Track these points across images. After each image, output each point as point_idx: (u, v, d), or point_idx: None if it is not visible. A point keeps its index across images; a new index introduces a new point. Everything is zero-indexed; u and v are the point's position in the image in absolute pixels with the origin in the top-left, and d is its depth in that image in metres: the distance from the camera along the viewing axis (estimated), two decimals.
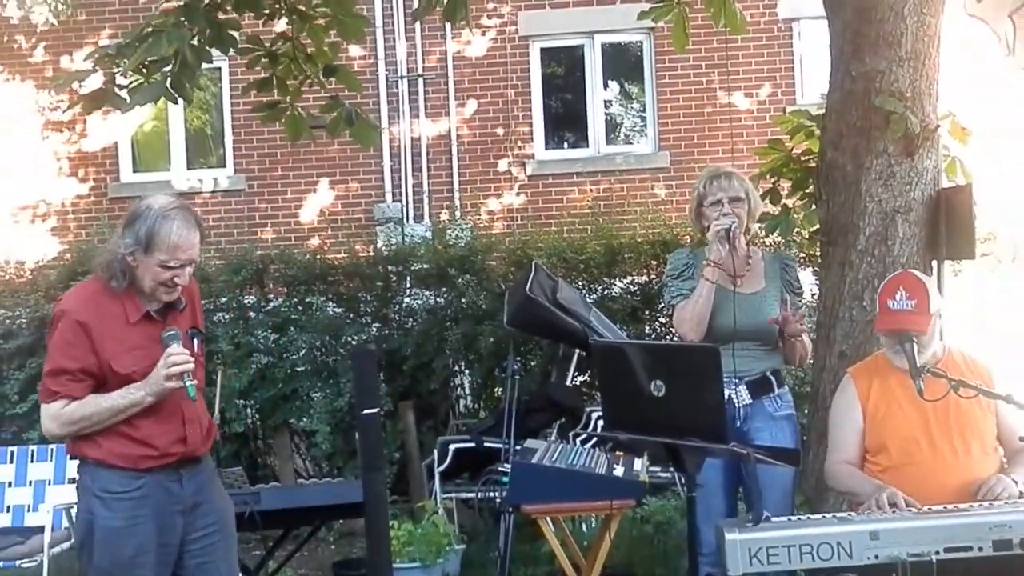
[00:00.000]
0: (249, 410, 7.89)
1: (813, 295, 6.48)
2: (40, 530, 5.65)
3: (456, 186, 11.29)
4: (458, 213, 10.82)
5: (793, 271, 4.57)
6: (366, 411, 4.31)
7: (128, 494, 3.46)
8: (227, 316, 7.99)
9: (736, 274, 4.31)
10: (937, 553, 3.25)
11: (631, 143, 11.73)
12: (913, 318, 3.84)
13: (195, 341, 3.64)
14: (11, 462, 6.14)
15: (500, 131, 11.36)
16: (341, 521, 7.01)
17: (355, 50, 10.82)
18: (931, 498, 3.61)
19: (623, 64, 11.83)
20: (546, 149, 11.54)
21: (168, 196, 3.66)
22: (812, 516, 3.74)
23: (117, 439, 3.47)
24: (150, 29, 5.13)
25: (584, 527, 6.24)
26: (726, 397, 3.90)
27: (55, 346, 3.47)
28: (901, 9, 4.85)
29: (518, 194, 11.30)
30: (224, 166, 11.66)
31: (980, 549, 3.26)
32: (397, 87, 11.41)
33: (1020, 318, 7.97)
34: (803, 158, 5.59)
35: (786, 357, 4.43)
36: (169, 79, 5.12)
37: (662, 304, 4.88)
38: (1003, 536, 3.25)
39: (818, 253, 5.57)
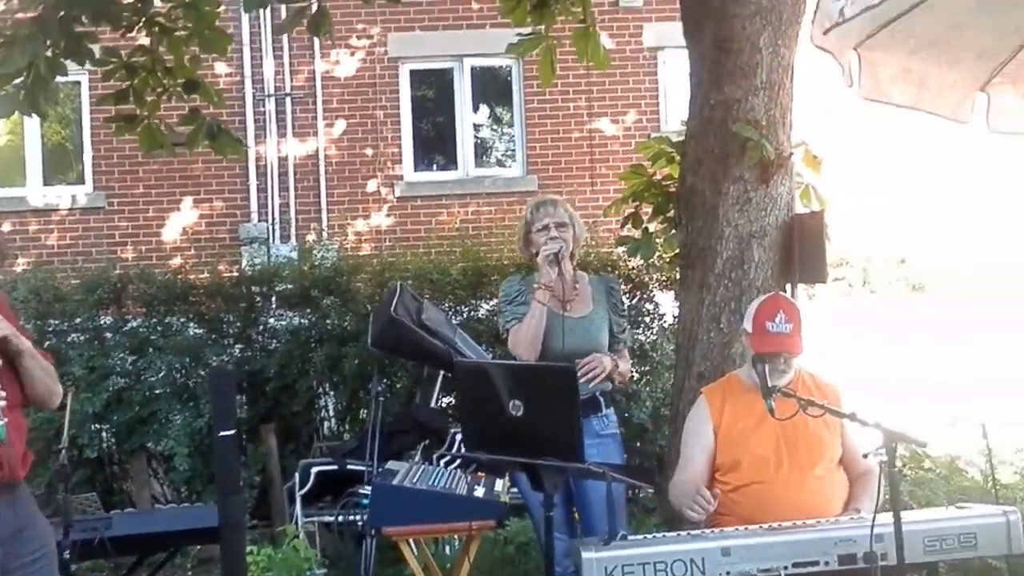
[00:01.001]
0: (104, 434, 7.65)
1: (675, 318, 6.61)
2: None
3: (324, 206, 11.19)
4: (325, 234, 10.71)
5: (618, 294, 4.71)
6: (223, 433, 4.22)
7: None
8: (81, 337, 7.74)
9: (565, 298, 4.48)
10: (786, 568, 3.35)
11: (500, 166, 11.81)
12: (790, 341, 3.97)
13: None
14: None
15: (369, 152, 11.31)
16: (199, 547, 6.84)
17: (221, 67, 10.65)
18: (778, 515, 3.71)
19: (492, 88, 11.91)
20: (415, 171, 11.53)
21: None
22: (668, 534, 3.80)
23: None
24: (2, 40, 4.97)
25: (447, 549, 6.21)
26: None
27: None
28: (757, 40, 5.01)
29: (386, 215, 11.25)
30: (83, 183, 11.32)
31: (826, 563, 3.38)
32: (264, 106, 11.26)
33: (870, 342, 8.28)
34: (664, 183, 5.70)
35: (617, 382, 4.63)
36: (23, 92, 4.96)
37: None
38: (848, 551, 3.37)
39: (678, 276, 5.68)
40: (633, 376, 7.48)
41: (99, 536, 4.72)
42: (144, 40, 5.69)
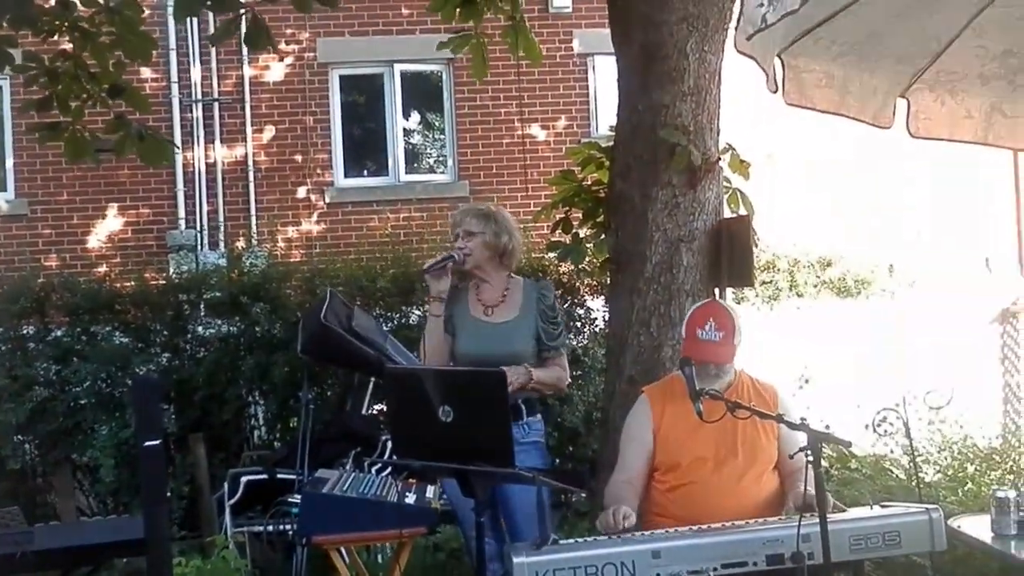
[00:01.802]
0: (28, 446, 7.51)
1: (605, 322, 6.64)
2: None
3: (253, 213, 11.08)
4: (254, 240, 10.61)
5: (549, 300, 4.66)
6: (148, 443, 4.14)
7: None
8: (3, 347, 7.59)
9: (488, 303, 4.56)
10: (715, 569, 3.37)
11: (431, 172, 11.79)
12: (719, 350, 4.00)
13: None
14: None
15: (299, 158, 11.23)
16: (126, 560, 6.71)
17: (147, 72, 10.50)
18: (711, 516, 3.74)
19: (423, 93, 11.89)
20: (346, 177, 11.47)
21: None
22: (598, 538, 3.80)
23: None
24: None
25: (379, 557, 6.17)
26: None
27: None
28: (684, 47, 5.05)
29: (317, 222, 11.17)
30: (5, 189, 11.09)
31: (755, 564, 3.40)
32: (191, 111, 11.12)
33: (799, 344, 8.39)
34: (594, 188, 5.72)
35: (541, 393, 4.62)
36: None
37: None
38: (775, 551, 3.40)
39: (608, 281, 5.71)
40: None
41: (21, 550, 4.61)
42: (67, 45, 5.59)
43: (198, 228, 10.99)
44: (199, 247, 10.81)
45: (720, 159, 5.21)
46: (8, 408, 7.12)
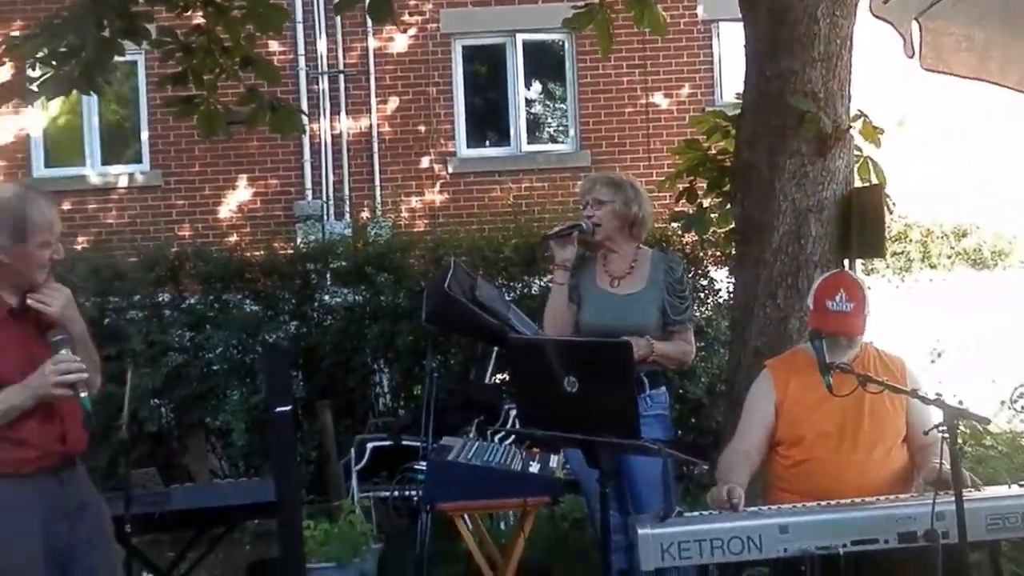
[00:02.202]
0: (164, 409, 7.76)
1: (730, 293, 6.56)
2: None
3: (377, 183, 11.23)
4: (379, 210, 10.75)
5: (676, 273, 4.59)
6: (279, 408, 4.25)
7: (12, 503, 3.30)
8: (140, 314, 7.84)
9: (615, 274, 4.51)
10: (845, 546, 3.29)
11: (553, 142, 11.76)
12: (850, 320, 3.89)
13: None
14: None
15: (422, 128, 11.32)
16: (257, 521, 6.91)
17: (274, 45, 10.67)
18: (838, 493, 3.66)
19: (545, 63, 11.86)
20: (468, 147, 11.53)
21: (6, 184, 3.54)
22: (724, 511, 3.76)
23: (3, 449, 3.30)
24: (59, 21, 5.01)
25: (502, 524, 6.23)
26: None
27: None
28: (814, 11, 4.91)
29: (439, 192, 11.27)
30: (140, 161, 11.46)
31: (886, 541, 3.32)
32: (318, 83, 11.31)
33: (931, 317, 8.16)
34: (719, 157, 5.63)
35: (664, 366, 4.56)
36: (78, 72, 5.00)
37: None
38: (908, 528, 3.31)
39: (734, 252, 5.63)
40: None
41: (159, 510, 4.77)
42: (200, 19, 5.70)
43: (324, 199, 11.19)
44: (325, 217, 11.00)
45: (851, 126, 5.08)
46: (145, 373, 7.33)
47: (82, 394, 3.35)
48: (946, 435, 3.22)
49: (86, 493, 3.57)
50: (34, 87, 5.04)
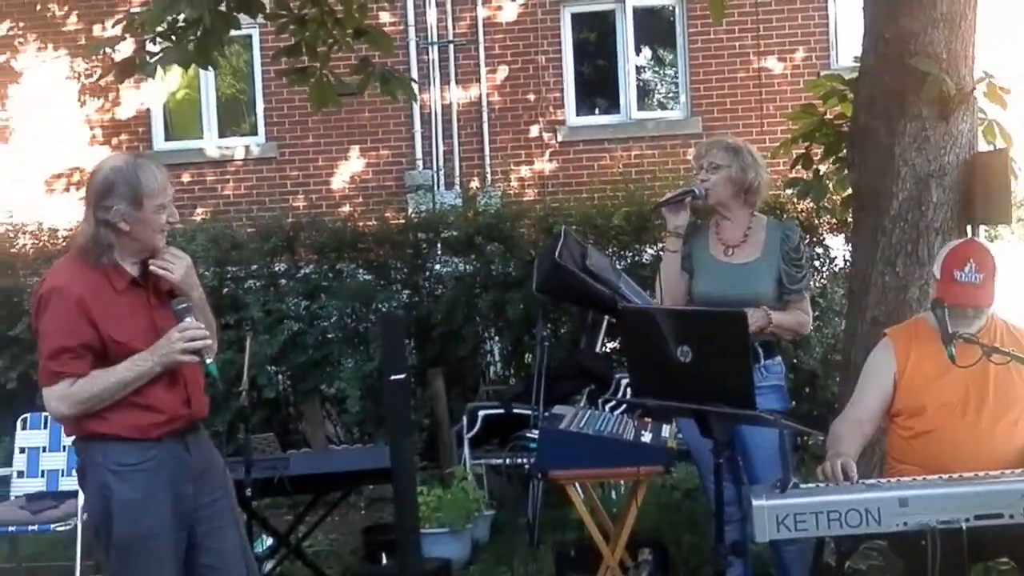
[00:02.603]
0: (280, 376, 7.93)
1: (846, 262, 6.43)
2: (74, 494, 5.70)
3: (487, 153, 11.26)
4: (488, 180, 10.78)
5: (793, 241, 4.45)
6: (393, 377, 4.31)
7: (143, 465, 3.40)
8: (258, 283, 8.01)
9: (730, 242, 4.42)
10: (967, 520, 3.20)
11: (663, 109, 11.64)
12: (979, 292, 3.77)
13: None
14: (45, 427, 6.18)
15: (531, 97, 11.31)
16: (371, 487, 7.05)
17: (385, 17, 10.77)
18: (960, 465, 3.57)
19: (655, 29, 11.73)
20: (577, 115, 11.48)
21: (112, 156, 3.64)
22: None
23: (124, 410, 3.39)
24: None
25: (613, 494, 6.24)
26: None
27: (51, 325, 3.35)
28: None
29: (549, 160, 11.25)
30: (256, 134, 11.69)
31: (1011, 516, 3.22)
32: (427, 54, 11.37)
33: None
34: (836, 122, 5.52)
35: (779, 336, 4.47)
36: (194, 46, 5.12)
37: None
38: None
39: (850, 219, 5.51)
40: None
41: (278, 475, 4.90)
42: None
43: (435, 168, 11.27)
44: (436, 187, 11.08)
45: (975, 88, 4.91)
46: (263, 340, 7.50)
47: (207, 360, 3.46)
48: None
49: (210, 456, 3.68)
50: (154, 62, 5.17)
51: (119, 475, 3.39)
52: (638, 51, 11.67)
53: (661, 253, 4.64)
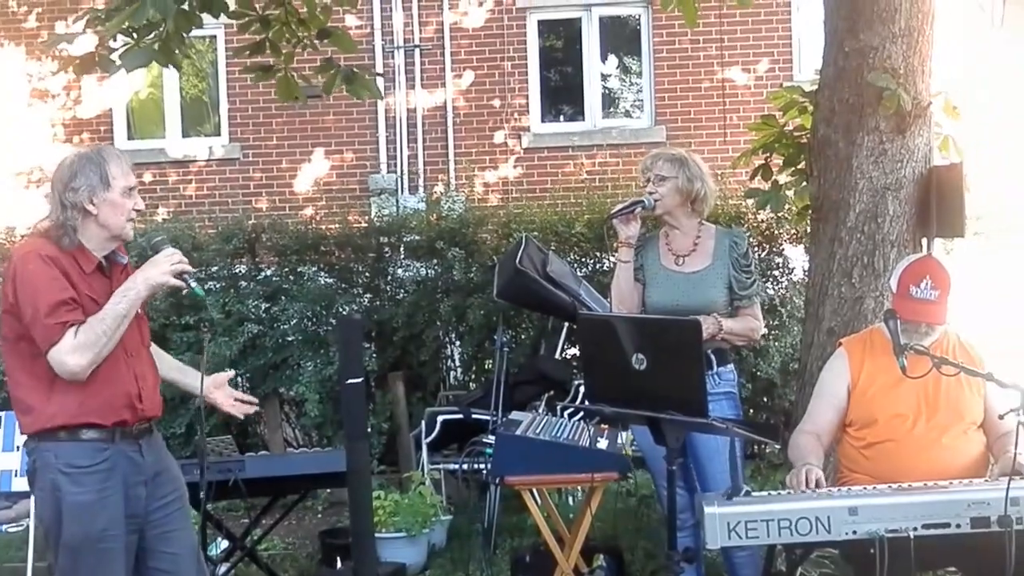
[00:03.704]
0: (239, 379, 7.88)
1: (804, 271, 6.48)
2: (27, 495, 5.63)
3: (451, 158, 11.26)
4: (452, 185, 10.78)
5: (742, 248, 4.56)
6: (350, 380, 4.30)
7: (95, 467, 3.40)
8: (218, 285, 7.97)
9: (680, 252, 4.50)
10: (915, 529, 3.25)
11: (628, 117, 11.69)
12: (934, 309, 3.82)
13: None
14: None
15: (496, 103, 11.32)
16: (329, 490, 7.02)
17: (351, 19, 10.74)
18: (910, 475, 3.62)
19: (621, 37, 11.78)
20: (542, 122, 11.51)
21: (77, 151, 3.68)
22: (792, 491, 3.73)
23: (78, 395, 3.39)
24: None
25: (570, 500, 6.26)
26: None
27: (40, 283, 3.35)
28: None
29: (513, 166, 11.27)
30: (219, 134, 11.63)
31: (958, 526, 3.26)
32: (393, 57, 11.35)
33: (1010, 296, 7.98)
34: (795, 134, 5.56)
35: (731, 343, 4.53)
36: (157, 45, 5.09)
37: None
38: (981, 513, 3.25)
39: (808, 229, 5.56)
40: (763, 332, 7.38)
41: (233, 477, 4.87)
42: None
43: (398, 173, 11.25)
44: (399, 191, 11.07)
45: (931, 103, 4.97)
46: (223, 341, 7.47)
47: (192, 283, 3.57)
48: (1022, 419, 3.16)
49: (164, 460, 3.68)
50: (115, 59, 5.13)
51: (71, 477, 3.38)
52: (604, 59, 11.71)
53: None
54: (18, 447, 5.96)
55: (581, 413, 5.52)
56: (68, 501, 3.37)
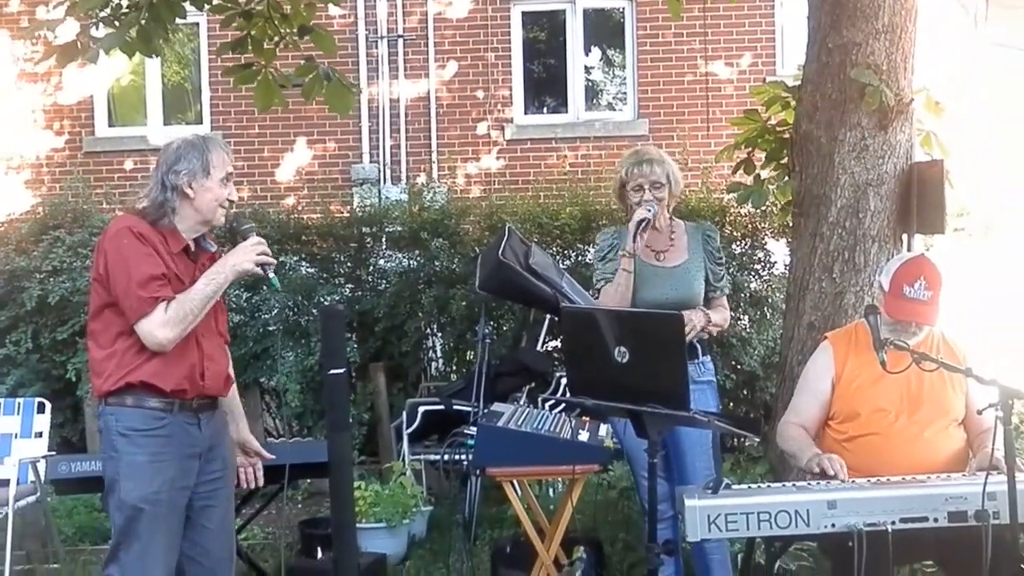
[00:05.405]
0: None
1: (786, 266, 6.50)
2: (5, 483, 5.62)
3: (434, 149, 11.24)
4: (435, 175, 10.76)
5: (715, 241, 4.62)
6: (332, 371, 4.29)
7: (152, 431, 3.55)
8: None
9: (659, 248, 4.53)
10: (893, 523, 3.28)
11: (611, 110, 11.70)
12: (926, 310, 3.85)
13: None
14: None
15: (480, 94, 11.30)
16: (309, 481, 7.02)
17: (334, 9, 10.66)
18: (889, 469, 3.65)
19: (605, 30, 11.77)
20: (525, 114, 11.49)
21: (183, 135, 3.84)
22: (772, 484, 3.77)
23: (144, 359, 3.54)
24: None
25: (551, 491, 6.27)
26: None
27: (134, 256, 3.52)
28: None
29: (496, 158, 11.25)
30: (201, 122, 11.55)
31: (935, 520, 3.30)
32: (376, 48, 11.32)
33: (992, 292, 8.03)
34: (778, 129, 5.59)
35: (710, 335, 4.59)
36: (137, 33, 5.07)
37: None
38: (958, 508, 3.29)
39: (790, 224, 5.59)
40: (740, 322, 7.40)
41: None
42: None
43: (381, 163, 11.23)
44: (382, 181, 11.05)
45: (913, 100, 5.01)
46: None
47: (271, 274, 3.78)
48: (1000, 415, 3.19)
49: (221, 437, 3.81)
50: (96, 47, 5.11)
51: (129, 439, 3.55)
52: (587, 51, 11.71)
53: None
54: None
55: (562, 405, 5.53)
56: (125, 461, 3.54)
